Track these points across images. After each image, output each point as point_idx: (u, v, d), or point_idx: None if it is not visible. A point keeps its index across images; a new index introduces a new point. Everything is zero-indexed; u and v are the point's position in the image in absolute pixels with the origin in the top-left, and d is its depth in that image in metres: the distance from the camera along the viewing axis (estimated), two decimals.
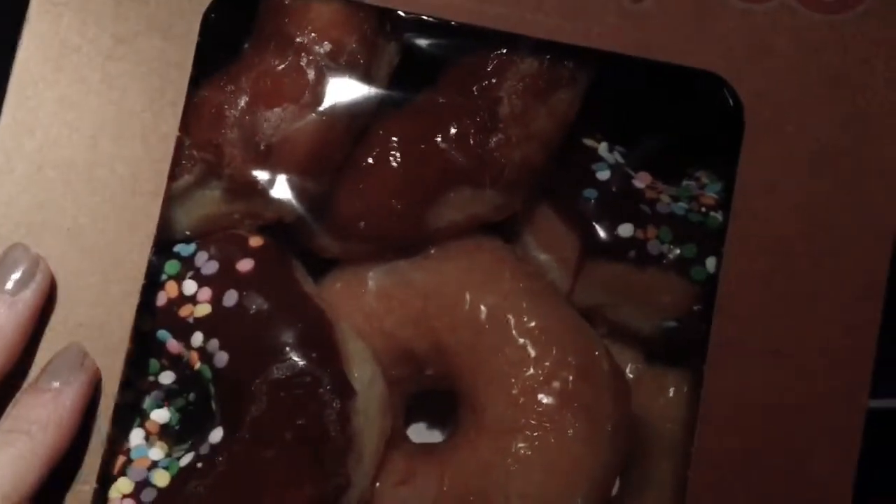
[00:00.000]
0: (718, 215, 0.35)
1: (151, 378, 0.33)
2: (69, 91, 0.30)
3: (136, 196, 0.30)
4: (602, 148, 0.36)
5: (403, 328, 0.34)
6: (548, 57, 0.33)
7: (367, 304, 0.34)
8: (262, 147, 0.31)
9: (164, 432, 0.33)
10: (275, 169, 0.32)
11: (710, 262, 0.34)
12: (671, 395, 0.37)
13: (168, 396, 0.33)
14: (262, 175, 0.32)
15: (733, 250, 0.31)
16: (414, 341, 0.34)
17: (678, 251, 0.34)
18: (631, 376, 0.37)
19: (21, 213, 0.29)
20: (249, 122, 0.31)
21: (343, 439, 0.30)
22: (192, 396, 0.34)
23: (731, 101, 0.32)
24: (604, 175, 0.35)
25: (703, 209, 0.35)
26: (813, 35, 0.31)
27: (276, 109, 0.31)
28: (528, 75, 0.33)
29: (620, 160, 0.36)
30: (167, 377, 0.33)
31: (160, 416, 0.33)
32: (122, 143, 0.30)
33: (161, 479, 0.31)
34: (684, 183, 0.37)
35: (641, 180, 0.36)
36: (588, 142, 0.36)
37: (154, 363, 0.33)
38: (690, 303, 0.35)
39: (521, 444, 0.32)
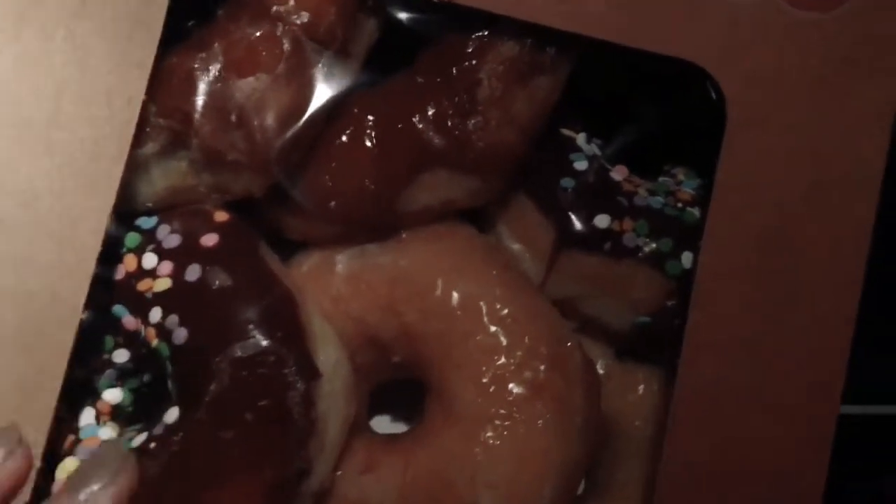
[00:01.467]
0: (695, 211, 0.35)
1: (105, 356, 0.32)
2: (31, 47, 0.29)
3: (97, 161, 0.29)
4: (580, 138, 0.36)
5: (371, 313, 0.33)
6: (530, 41, 0.32)
7: (335, 288, 0.33)
8: (233, 118, 0.30)
9: (116, 413, 0.32)
10: (244, 141, 0.31)
11: (686, 258, 0.34)
12: (640, 392, 0.37)
13: (121, 376, 0.32)
14: (230, 147, 0.31)
15: (711, 244, 0.31)
16: (381, 327, 0.33)
17: (654, 245, 0.34)
18: (601, 372, 0.36)
19: None
20: (220, 91, 0.30)
21: (306, 423, 0.29)
22: (146, 377, 0.32)
23: (713, 95, 0.32)
24: (581, 165, 0.35)
25: (680, 204, 0.35)
26: (798, 32, 0.31)
27: (248, 79, 0.30)
28: (509, 58, 0.32)
29: (598, 152, 0.36)
30: (121, 355, 0.32)
31: (112, 395, 0.32)
32: (84, 104, 0.29)
33: None
34: (661, 179, 0.37)
35: (618, 173, 0.35)
36: (566, 132, 0.36)
37: (108, 340, 0.31)
38: (664, 298, 0.34)
39: (489, 434, 0.31)
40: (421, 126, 0.32)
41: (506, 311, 0.32)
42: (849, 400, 0.31)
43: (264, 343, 0.29)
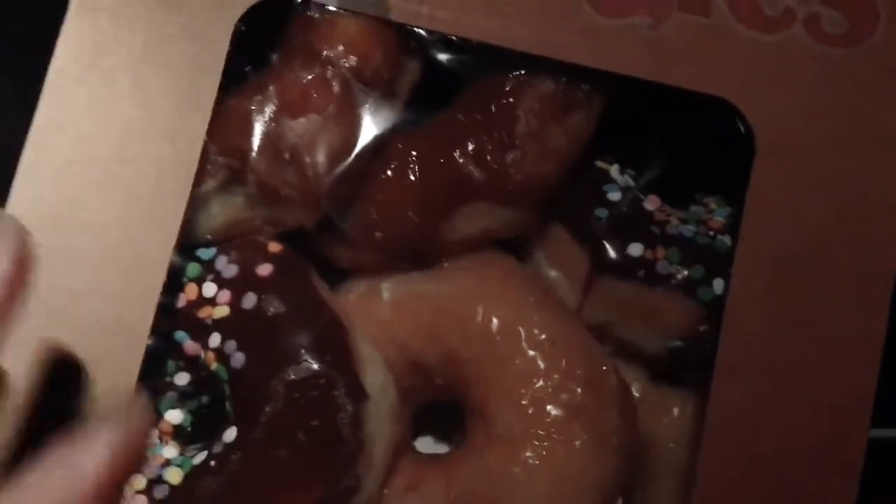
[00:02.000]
0: (726, 239, 0.36)
1: (167, 379, 0.34)
2: (100, 91, 0.31)
3: (161, 196, 0.31)
4: (614, 170, 0.37)
5: (415, 338, 0.35)
6: (564, 79, 0.34)
7: (381, 314, 0.35)
8: (286, 155, 0.32)
9: (177, 433, 0.33)
10: (297, 178, 0.33)
11: (718, 284, 0.35)
12: (675, 415, 0.38)
13: (182, 398, 0.34)
14: (284, 183, 0.33)
15: (741, 273, 0.32)
16: (425, 351, 0.35)
17: (686, 272, 0.35)
18: (636, 395, 0.37)
19: (47, 208, 0.30)
20: (275, 131, 0.32)
21: (355, 442, 0.31)
22: (205, 399, 0.34)
23: (741, 128, 0.33)
24: (615, 196, 0.36)
25: (711, 232, 0.36)
26: (823, 66, 0.33)
27: (301, 119, 0.32)
28: (545, 95, 0.34)
29: (631, 183, 0.37)
30: (182, 378, 0.34)
31: (174, 416, 0.33)
32: (149, 143, 0.31)
33: (174, 476, 0.31)
34: (692, 207, 0.38)
35: (651, 203, 0.37)
36: (600, 164, 0.37)
37: (171, 364, 0.33)
38: (696, 323, 0.36)
39: (528, 454, 0.32)
40: (461, 160, 0.34)
41: (543, 335, 0.33)
42: (878, 423, 0.32)
43: (315, 367, 0.31)
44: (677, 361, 0.36)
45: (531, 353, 0.33)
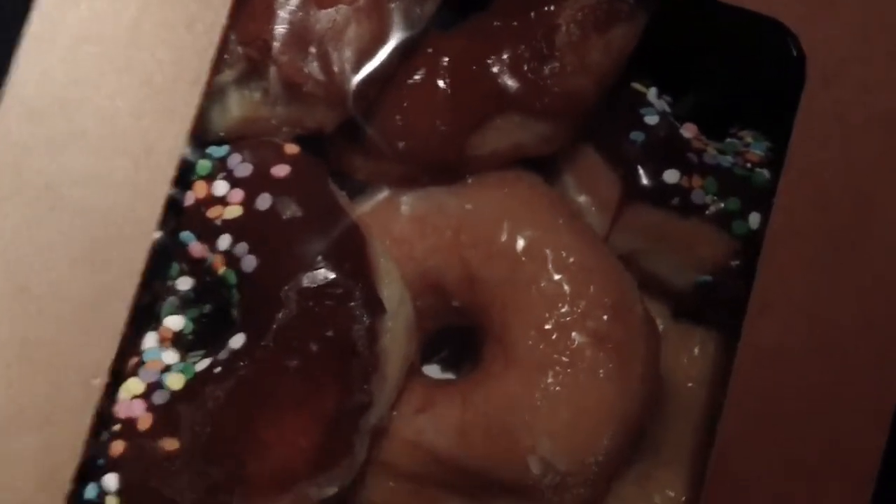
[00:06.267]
0: (765, 172, 0.34)
1: (169, 282, 0.32)
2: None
3: (176, 84, 0.29)
4: (651, 93, 0.35)
5: (434, 256, 0.33)
6: None
7: (399, 229, 0.33)
8: (312, 49, 0.30)
9: (177, 340, 0.32)
10: (322, 73, 0.31)
11: (753, 219, 0.34)
12: (695, 353, 0.36)
13: (183, 304, 0.32)
14: (307, 78, 0.31)
15: (783, 207, 0.31)
16: (444, 270, 0.33)
17: (721, 204, 0.34)
18: None
19: (58, 86, 0.28)
20: (300, 21, 0.30)
21: (370, 356, 0.29)
22: (207, 307, 0.32)
23: (793, 52, 0.31)
24: (652, 119, 0.34)
25: (749, 165, 0.35)
26: None
27: (329, 10, 0.30)
28: (588, 5, 0.32)
29: (668, 109, 0.35)
30: (185, 283, 0.32)
31: (174, 322, 0.32)
32: (166, 27, 0.29)
33: (175, 382, 0.29)
34: (728, 140, 0.37)
35: (688, 131, 0.35)
36: (637, 86, 0.35)
37: (174, 267, 0.32)
38: (728, 258, 0.34)
39: (550, 380, 0.31)
40: (496, 69, 0.32)
41: (571, 259, 0.32)
42: None
43: (332, 275, 0.29)
44: (704, 297, 0.35)
45: (557, 276, 0.32)
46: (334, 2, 0.30)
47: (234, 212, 0.30)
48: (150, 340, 0.31)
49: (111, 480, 0.28)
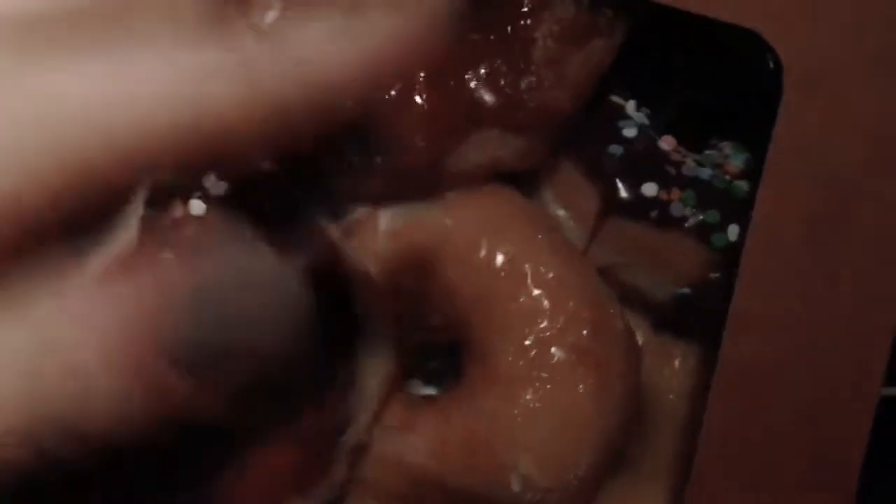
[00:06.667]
0: (743, 184, 0.34)
1: None
2: None
3: None
4: (629, 106, 0.35)
5: (413, 272, 0.33)
6: (587, 3, 0.32)
7: (377, 245, 0.33)
8: None
9: None
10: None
11: (732, 231, 0.34)
12: (676, 366, 0.36)
13: None
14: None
15: (762, 219, 0.31)
16: (423, 286, 0.33)
17: (700, 216, 0.34)
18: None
19: None
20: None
21: (347, 374, 0.29)
22: None
23: (770, 63, 0.31)
24: (630, 133, 0.34)
25: (728, 177, 0.35)
26: (862, 1, 0.31)
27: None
28: (565, 19, 0.32)
29: (646, 121, 0.35)
30: None
31: None
32: None
33: None
34: (707, 152, 0.37)
35: (666, 143, 0.35)
36: (615, 98, 0.35)
37: None
38: (707, 270, 0.34)
39: (529, 396, 0.31)
40: (473, 84, 0.32)
41: (550, 274, 0.32)
42: (891, 382, 0.31)
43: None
44: (683, 309, 0.35)
45: (537, 292, 0.32)
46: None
47: None
48: None
49: None
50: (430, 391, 0.37)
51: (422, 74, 0.32)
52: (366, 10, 0.21)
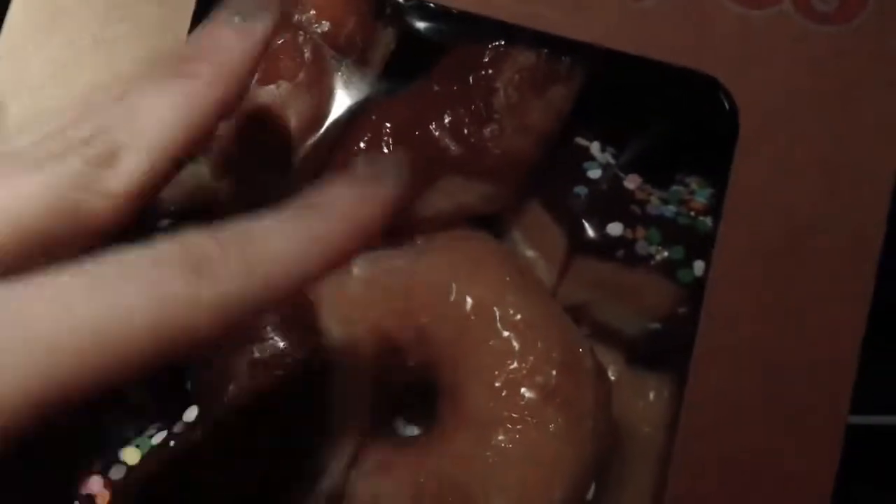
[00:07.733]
0: (707, 220, 0.35)
1: None
2: (60, 54, 0.29)
3: None
4: (594, 147, 0.36)
5: (387, 317, 0.34)
6: (546, 51, 0.33)
7: (351, 292, 0.34)
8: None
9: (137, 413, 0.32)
10: (265, 148, 0.31)
11: (698, 266, 0.34)
12: (651, 399, 0.37)
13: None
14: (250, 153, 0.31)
15: (722, 253, 0.31)
16: (398, 330, 0.34)
17: (666, 253, 0.34)
18: (612, 378, 0.36)
19: None
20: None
21: (321, 423, 0.30)
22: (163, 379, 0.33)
23: (726, 105, 0.32)
24: (595, 174, 0.35)
25: (693, 213, 0.35)
26: (809, 44, 0.32)
27: (270, 87, 0.31)
28: (525, 68, 0.33)
29: (611, 161, 0.36)
30: None
31: (132, 396, 0.32)
32: None
33: (131, 456, 0.30)
34: (673, 188, 0.37)
35: (631, 182, 0.36)
36: (580, 140, 0.36)
37: None
38: (675, 305, 0.35)
39: (501, 437, 0.31)
40: (437, 133, 0.33)
41: (518, 316, 0.32)
42: (856, 410, 0.32)
43: (281, 345, 0.30)
44: (655, 344, 0.36)
45: (506, 333, 0.32)
46: (275, 78, 0.31)
47: None
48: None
49: None
50: (412, 431, 0.38)
51: (388, 125, 0.33)
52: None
